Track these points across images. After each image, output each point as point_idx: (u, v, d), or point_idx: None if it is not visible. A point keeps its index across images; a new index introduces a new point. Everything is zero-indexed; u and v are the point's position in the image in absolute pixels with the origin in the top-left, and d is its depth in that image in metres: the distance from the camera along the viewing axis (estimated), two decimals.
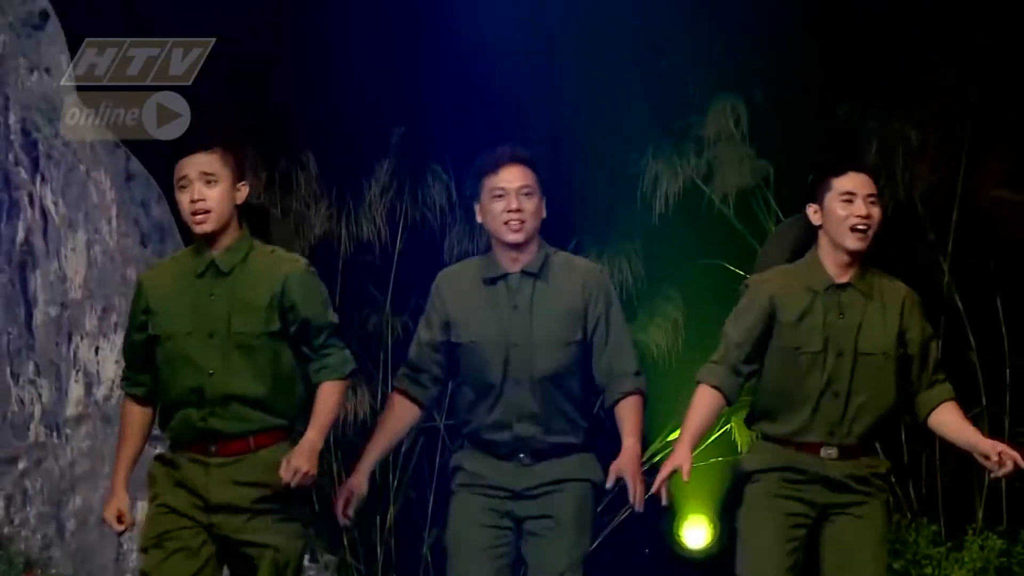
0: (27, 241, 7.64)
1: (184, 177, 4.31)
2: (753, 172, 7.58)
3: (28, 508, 7.68)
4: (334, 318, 4.50)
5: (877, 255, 5.80)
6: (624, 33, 7.52)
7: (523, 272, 4.65)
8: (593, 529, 4.72)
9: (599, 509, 6.24)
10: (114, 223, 8.07)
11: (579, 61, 7.47)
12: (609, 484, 4.49)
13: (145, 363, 4.41)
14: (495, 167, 4.67)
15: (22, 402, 7.60)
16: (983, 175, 7.43)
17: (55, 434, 7.80)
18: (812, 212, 4.65)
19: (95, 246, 8.05)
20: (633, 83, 7.55)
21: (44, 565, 7.68)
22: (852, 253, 4.61)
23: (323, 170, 7.87)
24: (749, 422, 4.77)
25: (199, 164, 4.31)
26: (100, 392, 7.82)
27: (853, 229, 4.57)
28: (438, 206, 7.71)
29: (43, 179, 7.95)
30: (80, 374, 7.47)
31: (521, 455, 4.65)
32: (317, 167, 7.85)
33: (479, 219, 4.77)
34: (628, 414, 4.61)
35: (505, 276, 4.66)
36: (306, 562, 7.22)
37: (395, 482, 7.63)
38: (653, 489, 4.44)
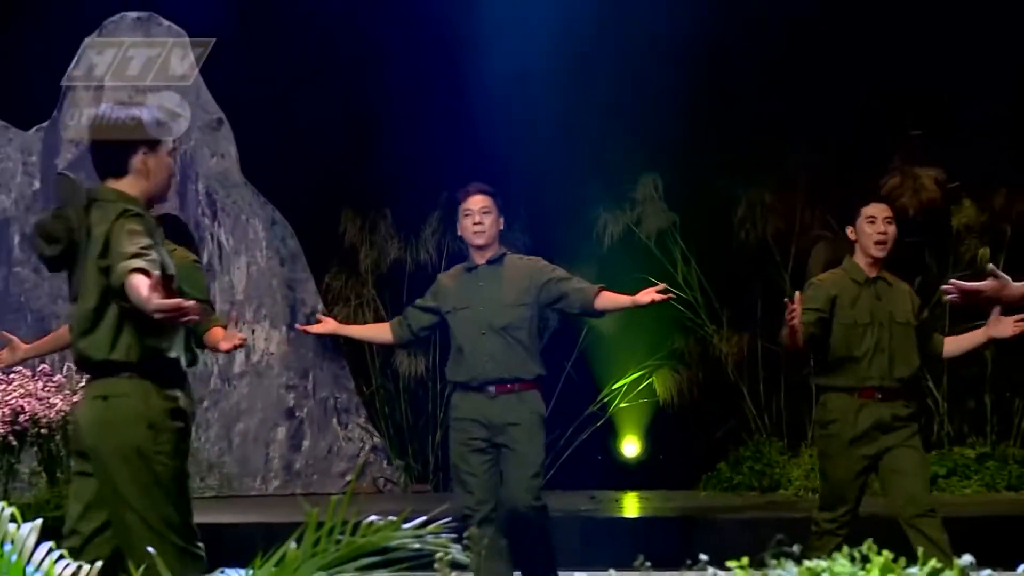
0: (209, 263, 9.15)
1: None
2: (666, 220, 9.22)
3: (209, 431, 9.31)
4: (211, 297, 4.84)
5: (745, 270, 7.60)
6: (585, 131, 8.85)
7: (487, 262, 5.30)
8: (545, 447, 5.30)
9: (567, 434, 8.22)
10: (264, 252, 9.57)
11: (558, 147, 8.77)
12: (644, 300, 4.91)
13: None
14: (465, 196, 5.30)
15: (206, 364, 9.09)
16: (810, 222, 8.82)
17: (226, 383, 9.40)
18: (849, 232, 5.10)
19: (252, 266, 9.57)
20: (592, 164, 8.97)
21: (219, 466, 9.30)
22: (876, 258, 5.06)
23: (396, 219, 9.59)
24: (818, 378, 5.10)
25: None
26: (254, 357, 9.50)
27: (876, 243, 5.03)
28: None
29: (219, 224, 9.50)
30: None
31: (489, 387, 5.19)
32: (392, 217, 9.58)
33: (459, 233, 5.38)
34: (612, 295, 5.15)
35: (477, 267, 5.31)
36: (384, 464, 9.39)
37: (441, 414, 9.09)
38: (787, 319, 4.76)
